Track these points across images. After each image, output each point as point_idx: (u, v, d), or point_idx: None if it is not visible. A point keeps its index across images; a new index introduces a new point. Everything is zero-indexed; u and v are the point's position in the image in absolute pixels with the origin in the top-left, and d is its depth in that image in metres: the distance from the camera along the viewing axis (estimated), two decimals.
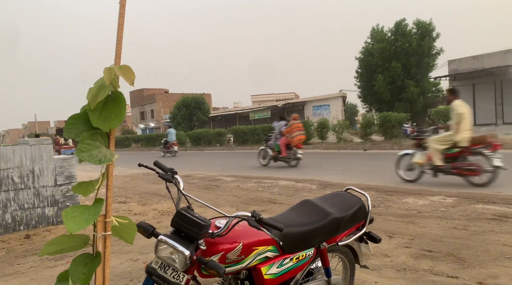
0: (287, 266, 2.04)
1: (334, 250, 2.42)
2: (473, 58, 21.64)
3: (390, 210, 5.57)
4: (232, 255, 1.82)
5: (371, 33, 32.38)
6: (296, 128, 12.11)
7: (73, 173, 5.95)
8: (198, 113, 39.09)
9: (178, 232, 1.78)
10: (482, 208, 5.36)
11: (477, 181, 7.12)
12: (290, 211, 2.37)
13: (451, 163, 7.38)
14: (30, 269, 3.90)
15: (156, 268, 1.77)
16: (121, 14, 1.50)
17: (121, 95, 1.49)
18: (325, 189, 7.63)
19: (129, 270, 3.65)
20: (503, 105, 20.59)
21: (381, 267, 3.44)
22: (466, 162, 7.27)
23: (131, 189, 9.30)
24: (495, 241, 3.95)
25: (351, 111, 60.61)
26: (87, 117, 1.47)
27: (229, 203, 6.72)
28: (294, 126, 12.11)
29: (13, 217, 5.39)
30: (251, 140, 25.64)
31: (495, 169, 6.87)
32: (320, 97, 28.63)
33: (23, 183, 5.48)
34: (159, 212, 6.32)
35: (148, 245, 4.32)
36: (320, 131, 21.87)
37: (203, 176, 11.17)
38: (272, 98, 53.61)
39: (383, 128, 19.38)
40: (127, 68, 1.45)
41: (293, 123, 12.20)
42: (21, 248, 4.69)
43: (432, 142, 7.55)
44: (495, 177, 6.94)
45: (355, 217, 2.39)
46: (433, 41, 30.04)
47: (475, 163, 7.14)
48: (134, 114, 61.61)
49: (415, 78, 29.43)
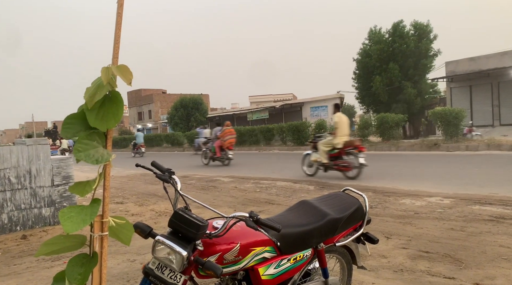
0: (284, 266, 2.04)
1: (332, 250, 2.42)
2: (470, 60, 21.73)
3: (388, 211, 5.58)
4: (229, 255, 1.82)
5: (369, 34, 32.43)
6: (228, 133, 14.33)
7: (70, 173, 5.93)
8: (196, 114, 39.06)
9: (175, 232, 1.78)
10: (479, 209, 5.38)
11: (350, 174, 9.08)
12: (288, 212, 2.37)
13: (333, 161, 9.38)
14: (26, 269, 3.88)
15: (153, 269, 1.77)
16: (119, 13, 1.49)
17: (119, 95, 1.48)
18: (323, 189, 7.64)
19: (126, 271, 3.64)
20: (500, 106, 20.68)
21: (379, 268, 3.44)
22: (342, 160, 9.24)
23: (129, 189, 9.28)
24: (492, 242, 3.97)
25: (348, 113, 60.64)
26: (84, 117, 1.46)
27: (227, 204, 6.71)
28: (227, 131, 14.36)
29: (10, 217, 5.37)
30: (248, 141, 25.64)
31: (360, 165, 8.85)
32: (317, 98, 28.68)
33: (20, 183, 5.45)
34: (156, 213, 6.31)
35: (145, 245, 4.31)
36: (318, 133, 21.88)
37: (200, 176, 11.16)
38: (270, 99, 53.62)
39: (380, 130, 19.41)
40: (125, 68, 1.44)
41: (226, 129, 14.48)
42: (17, 249, 4.67)
43: (320, 145, 9.61)
44: (361, 172, 8.95)
45: (353, 217, 2.39)
46: (430, 42, 30.10)
47: (348, 161, 9.11)
48: (132, 115, 61.49)
49: (413, 80, 29.48)
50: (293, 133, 22.78)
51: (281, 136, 24.03)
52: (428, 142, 16.98)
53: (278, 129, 24.10)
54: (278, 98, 51.37)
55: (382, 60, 30.17)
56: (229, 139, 14.25)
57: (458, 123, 16.48)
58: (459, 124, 16.52)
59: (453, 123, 16.43)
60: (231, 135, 14.43)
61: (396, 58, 29.84)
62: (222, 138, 14.24)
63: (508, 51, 20.21)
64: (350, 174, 9.06)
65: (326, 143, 9.53)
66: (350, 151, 9.04)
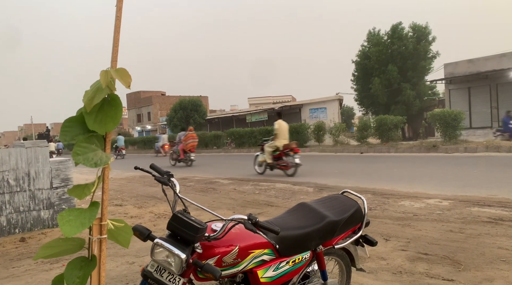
0: (283, 269, 2.04)
1: (331, 253, 2.42)
2: (468, 61, 21.78)
3: (386, 213, 5.58)
4: (228, 258, 1.82)
5: (368, 36, 32.50)
6: (190, 138, 15.91)
7: (69, 176, 5.92)
8: (195, 116, 38.98)
9: (174, 235, 1.78)
10: (477, 211, 5.38)
11: (288, 172, 10.67)
12: (287, 214, 2.37)
13: (276, 161, 11.03)
14: (25, 272, 3.87)
15: (152, 271, 1.77)
16: (118, 17, 1.50)
17: (117, 98, 1.48)
18: (322, 191, 7.63)
19: (125, 273, 3.64)
20: (498, 108, 20.71)
21: (378, 270, 3.44)
22: (282, 160, 10.87)
23: (127, 191, 9.27)
24: (491, 244, 3.97)
25: (347, 114, 60.74)
26: (83, 120, 1.46)
27: (226, 206, 6.71)
28: (189, 136, 15.95)
29: (8, 220, 5.36)
30: (248, 143, 25.63)
31: (296, 164, 10.46)
32: (316, 100, 28.67)
33: (19, 185, 5.45)
34: (155, 215, 6.30)
35: (144, 248, 4.31)
36: (317, 134, 21.89)
37: (199, 178, 11.15)
38: (269, 101, 53.68)
39: (379, 131, 19.44)
40: (124, 71, 1.45)
41: (188, 133, 16.11)
42: (16, 251, 4.66)
43: (266, 147, 11.26)
44: (297, 170, 10.51)
45: (351, 220, 2.39)
46: (429, 44, 30.18)
47: (286, 161, 10.72)
48: (131, 117, 61.45)
49: (411, 82, 29.53)
50: (292, 135, 22.78)
51: None
52: (427, 144, 17.01)
53: None
54: (277, 100, 51.42)
55: (381, 62, 30.24)
56: (190, 143, 15.79)
57: (457, 125, 16.51)
58: (457, 126, 16.56)
59: (451, 125, 16.46)
60: (193, 140, 15.99)
61: (395, 60, 29.90)
62: (185, 142, 15.77)
63: (506, 53, 20.26)
64: (289, 172, 10.66)
65: (270, 145, 11.14)
66: (288, 152, 10.69)
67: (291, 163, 10.54)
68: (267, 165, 11.29)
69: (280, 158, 10.89)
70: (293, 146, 10.75)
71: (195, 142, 16.19)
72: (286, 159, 10.69)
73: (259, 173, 11.55)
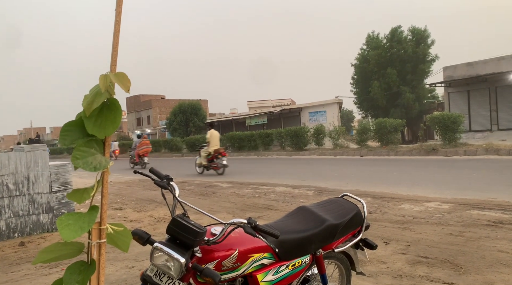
0: (283, 273, 2.04)
1: (330, 256, 2.41)
2: (467, 65, 21.83)
3: (386, 216, 5.58)
4: (227, 262, 1.82)
5: (367, 40, 32.63)
6: (143, 144, 18.72)
7: (68, 180, 5.91)
8: (195, 119, 39.01)
9: (173, 239, 1.77)
10: (477, 214, 5.38)
11: (219, 172, 13.23)
12: (286, 218, 2.37)
13: (209, 163, 13.51)
14: (24, 277, 3.86)
15: (152, 276, 1.76)
16: (117, 21, 1.50)
17: (117, 103, 1.49)
18: (321, 195, 7.63)
19: (124, 278, 3.63)
20: (497, 111, 20.74)
21: (377, 273, 3.43)
22: (213, 162, 13.39)
23: (127, 195, 9.26)
24: (491, 247, 3.96)
25: (347, 118, 60.85)
26: (82, 125, 1.46)
27: (226, 210, 6.70)
28: (143, 142, 18.77)
29: (8, 224, 5.35)
30: (247, 146, 25.63)
31: (223, 165, 13.11)
32: (316, 103, 28.71)
33: (18, 189, 5.44)
34: (154, 219, 6.29)
35: (143, 252, 4.30)
36: (316, 137, 21.90)
37: (199, 182, 11.15)
38: (268, 104, 53.67)
39: (379, 134, 19.45)
40: (123, 75, 1.45)
41: (142, 140, 18.95)
42: (15, 256, 4.65)
43: (201, 151, 13.81)
44: (225, 170, 13.19)
45: (351, 223, 2.38)
46: (428, 48, 30.30)
47: (216, 162, 13.26)
48: (131, 121, 61.44)
49: (411, 85, 29.62)
50: (292, 139, 22.80)
51: (280, 142, 24.05)
52: (426, 147, 17.02)
53: (277, 134, 24.12)
54: (277, 104, 51.43)
55: (380, 65, 30.34)
56: (143, 148, 18.65)
57: (456, 128, 16.53)
58: (457, 129, 16.57)
59: (451, 128, 16.47)
60: (146, 146, 18.91)
61: (394, 63, 30.01)
62: (139, 148, 18.59)
63: (505, 56, 20.31)
64: (219, 171, 13.27)
65: (205, 150, 13.61)
66: (217, 155, 13.20)
67: (220, 164, 13.16)
68: (203, 166, 13.76)
69: (212, 160, 13.42)
70: (221, 151, 13.31)
71: (149, 148, 19.09)
72: (216, 161, 13.25)
73: (199, 173, 14.01)
